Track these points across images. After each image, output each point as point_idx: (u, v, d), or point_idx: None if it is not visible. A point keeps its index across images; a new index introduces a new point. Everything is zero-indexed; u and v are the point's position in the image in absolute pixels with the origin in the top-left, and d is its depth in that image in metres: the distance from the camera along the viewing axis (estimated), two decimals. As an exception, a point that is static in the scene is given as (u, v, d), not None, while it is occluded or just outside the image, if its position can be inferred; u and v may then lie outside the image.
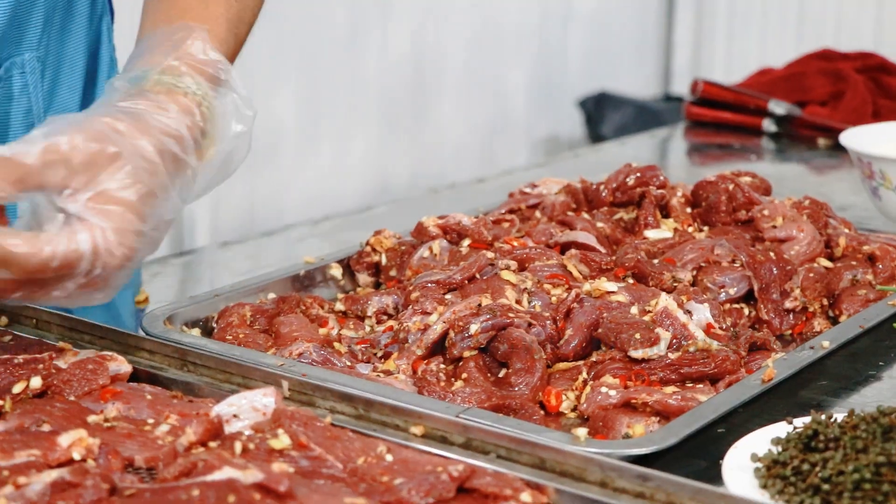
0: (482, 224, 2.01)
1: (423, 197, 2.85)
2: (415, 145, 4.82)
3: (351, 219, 2.53)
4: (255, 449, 1.37)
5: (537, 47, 5.26)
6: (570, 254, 1.92)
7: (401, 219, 2.20)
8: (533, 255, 1.89)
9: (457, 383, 1.60)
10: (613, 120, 5.12)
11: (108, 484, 1.29)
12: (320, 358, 1.66)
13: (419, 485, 1.30)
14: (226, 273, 2.23)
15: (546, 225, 2.05)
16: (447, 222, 2.01)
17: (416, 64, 4.79)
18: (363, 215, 2.57)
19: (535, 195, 2.21)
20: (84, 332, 1.67)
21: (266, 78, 4.30)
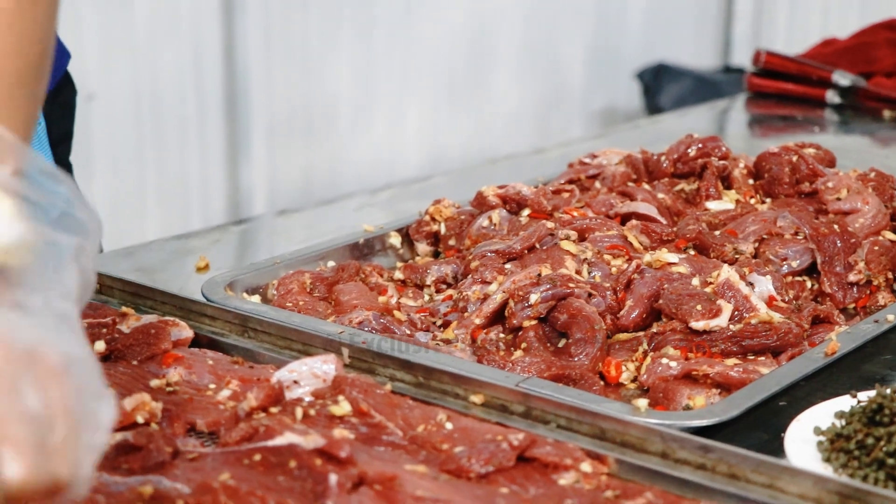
0: (542, 194, 2.00)
1: (480, 167, 2.84)
2: (470, 116, 4.80)
3: (409, 188, 2.53)
4: (316, 415, 1.38)
5: (595, 18, 5.22)
6: (630, 224, 1.91)
7: (458, 189, 2.19)
8: (593, 226, 1.88)
9: (516, 353, 1.60)
10: (671, 91, 5.07)
11: (170, 447, 1.30)
12: (380, 326, 1.66)
13: (479, 453, 1.30)
14: (284, 241, 2.23)
15: (606, 196, 2.04)
16: (507, 192, 2.00)
17: (472, 34, 4.77)
18: (421, 185, 2.57)
19: (594, 166, 2.20)
20: (146, 297, 1.69)
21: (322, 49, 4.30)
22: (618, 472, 1.32)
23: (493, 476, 1.28)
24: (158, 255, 2.08)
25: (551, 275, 1.69)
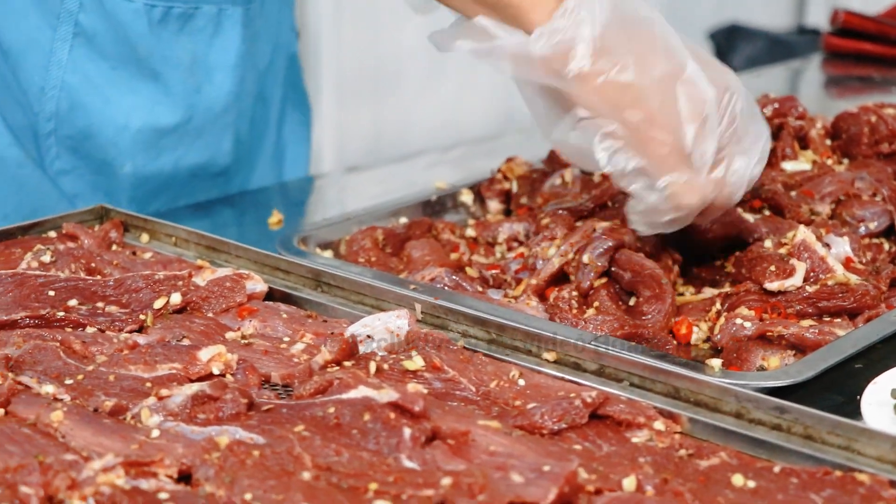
0: (615, 152, 1.99)
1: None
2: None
3: (480, 146, 2.52)
4: (389, 369, 1.38)
5: (668, -23, 5.16)
6: (705, 183, 1.89)
7: (530, 147, 2.18)
8: (667, 184, 1.86)
9: (588, 311, 1.59)
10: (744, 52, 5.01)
11: (246, 399, 1.31)
12: (452, 283, 1.66)
13: (552, 409, 1.30)
14: (355, 198, 2.24)
15: (680, 154, 2.01)
16: (580, 150, 1.99)
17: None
18: (493, 143, 2.56)
19: (668, 124, 2.18)
20: (221, 250, 1.70)
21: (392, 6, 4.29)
22: (691, 431, 1.31)
23: (565, 433, 1.29)
24: (232, 210, 2.10)
25: (600, 229, 1.66)
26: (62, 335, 1.45)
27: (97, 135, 1.99)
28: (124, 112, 1.99)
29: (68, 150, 2.01)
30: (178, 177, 2.07)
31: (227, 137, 2.11)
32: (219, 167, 2.12)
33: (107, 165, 2.02)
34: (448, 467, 1.20)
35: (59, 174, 2.02)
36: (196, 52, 2.01)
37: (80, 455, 1.23)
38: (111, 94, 1.97)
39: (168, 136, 2.03)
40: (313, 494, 1.14)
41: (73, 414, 1.28)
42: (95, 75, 1.95)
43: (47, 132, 1.97)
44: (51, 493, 1.16)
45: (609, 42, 1.45)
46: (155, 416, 1.29)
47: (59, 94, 1.94)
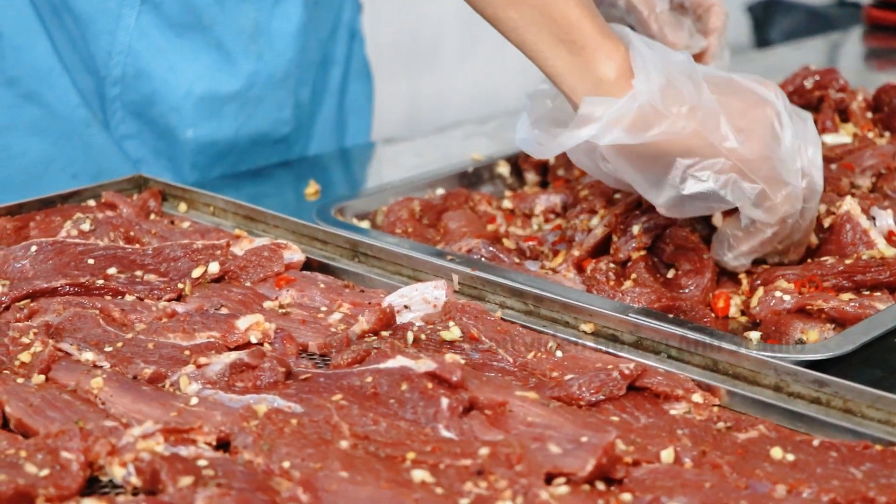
0: (653, 124, 1.97)
1: (589, 98, 2.80)
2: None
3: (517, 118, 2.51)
4: (427, 340, 1.38)
5: (705, -52, 5.11)
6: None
7: (568, 119, 2.17)
8: (706, 157, 1.85)
9: (626, 283, 1.59)
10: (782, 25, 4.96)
11: (284, 367, 1.32)
12: (489, 254, 1.66)
13: (590, 381, 1.30)
14: (392, 169, 2.24)
15: (719, 127, 2.00)
16: (618, 122, 1.98)
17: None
18: (529, 115, 2.54)
19: (707, 97, 2.16)
20: (259, 220, 1.71)
21: (429, -23, 4.28)
22: (729, 404, 1.31)
23: (602, 405, 1.28)
24: (269, 180, 2.10)
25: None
26: (101, 303, 1.46)
27: (160, 101, 2.02)
28: (188, 79, 2.01)
29: (133, 115, 2.03)
30: (238, 144, 2.10)
31: (288, 105, 2.14)
32: (279, 135, 2.15)
33: (169, 132, 2.04)
34: (485, 438, 1.20)
35: (124, 138, 2.05)
36: (259, 20, 2.04)
37: (119, 422, 1.24)
38: (175, 60, 1.99)
39: (230, 104, 2.05)
40: (351, 463, 1.14)
41: (113, 381, 1.29)
42: (161, 42, 1.98)
43: (113, 96, 2.00)
44: (91, 459, 1.17)
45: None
46: (193, 383, 1.30)
47: (126, 60, 1.97)
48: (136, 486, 1.16)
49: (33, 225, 1.65)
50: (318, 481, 1.11)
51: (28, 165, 2.00)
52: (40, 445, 1.17)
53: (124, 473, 1.16)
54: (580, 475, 1.12)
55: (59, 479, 1.13)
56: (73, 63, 2.00)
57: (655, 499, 1.11)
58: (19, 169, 2.00)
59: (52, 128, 2.01)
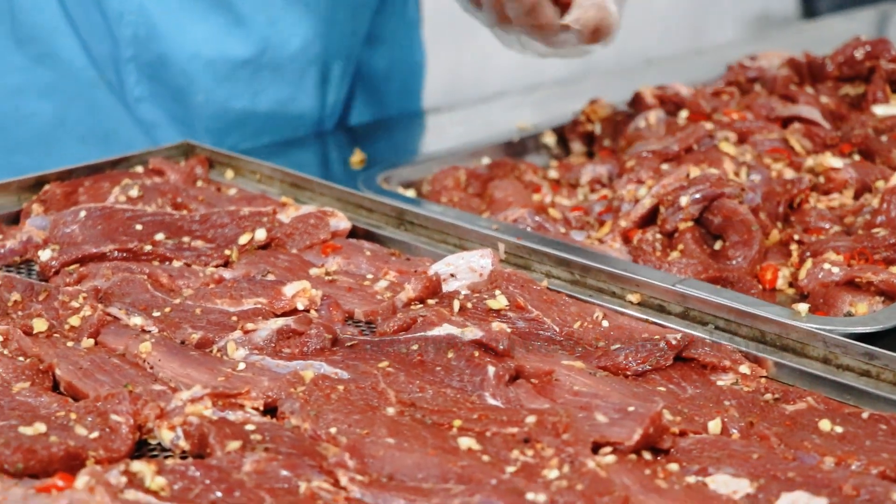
0: (701, 95, 1.96)
1: (635, 68, 2.79)
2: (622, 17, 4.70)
3: (562, 88, 2.50)
4: (473, 308, 1.38)
5: (753, -83, 5.06)
6: (792, 128, 1.86)
7: (613, 89, 2.16)
8: (753, 128, 1.84)
9: (673, 254, 1.58)
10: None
11: (330, 334, 1.32)
12: (535, 223, 1.65)
13: (636, 351, 1.29)
14: (437, 138, 2.24)
15: (767, 99, 1.99)
16: (665, 92, 1.97)
17: (625, -67, 4.65)
18: (574, 86, 2.54)
19: (755, 68, 2.15)
20: (305, 188, 1.71)
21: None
22: (777, 375, 1.30)
23: (649, 375, 1.28)
24: (315, 148, 2.10)
25: (701, 175, 1.65)
26: (149, 268, 1.47)
27: (171, 63, 1.99)
28: (196, 41, 1.98)
29: (147, 77, 2.01)
30: (256, 113, 2.07)
31: (311, 77, 2.10)
32: (303, 106, 2.11)
33: (182, 94, 2.01)
34: (532, 406, 1.20)
35: (139, 101, 2.03)
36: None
37: (167, 386, 1.24)
38: (185, 21, 1.96)
39: (242, 70, 2.02)
40: (397, 430, 1.14)
41: (161, 346, 1.30)
42: (171, 1, 1.96)
43: (127, 58, 1.98)
44: (140, 422, 1.18)
45: None
46: (240, 349, 1.30)
47: (137, 20, 1.95)
48: (185, 449, 1.17)
49: (82, 190, 1.66)
50: (364, 447, 1.11)
51: (38, 127, 1.98)
52: (90, 408, 1.18)
53: (172, 437, 1.17)
54: (627, 445, 1.12)
55: (108, 441, 1.14)
56: (84, 24, 1.97)
57: (702, 469, 1.11)
58: (30, 131, 1.98)
59: (62, 90, 1.98)
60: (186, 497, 1.06)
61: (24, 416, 1.17)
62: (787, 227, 1.65)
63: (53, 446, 1.11)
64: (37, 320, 1.34)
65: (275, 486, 1.07)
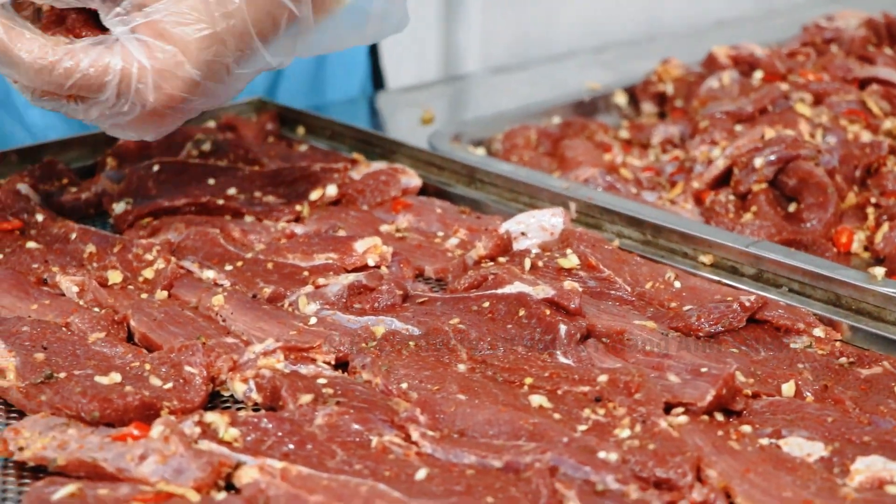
0: (776, 56, 1.94)
1: (708, 28, 2.76)
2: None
3: (633, 48, 2.48)
4: (544, 267, 1.38)
5: None
6: (870, 90, 1.83)
7: (685, 50, 2.14)
8: (830, 90, 1.81)
9: (746, 216, 1.56)
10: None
11: (401, 290, 1.32)
12: (606, 183, 1.64)
13: (709, 312, 1.28)
14: (506, 97, 2.22)
15: (843, 60, 1.95)
16: (739, 53, 1.94)
17: None
18: (645, 46, 2.51)
19: (831, 29, 2.11)
20: (376, 145, 1.71)
21: None
22: (851, 339, 1.28)
23: (721, 336, 1.27)
24: (383, 107, 2.10)
25: (776, 137, 1.63)
26: (222, 222, 1.48)
27: None
28: None
29: None
30: None
31: None
32: None
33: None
34: (603, 365, 1.19)
35: (27, 108, 1.79)
36: None
37: (240, 339, 1.25)
38: None
39: None
40: (469, 387, 1.14)
41: (233, 299, 1.31)
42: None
43: None
44: (213, 375, 1.19)
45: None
46: (312, 304, 1.31)
47: None
48: (257, 402, 1.17)
49: (155, 144, 1.67)
50: (435, 403, 1.11)
51: None
52: (164, 359, 1.19)
53: (245, 389, 1.18)
54: (699, 405, 1.11)
55: (182, 392, 1.15)
56: None
57: (776, 431, 1.10)
58: None
59: None
60: (259, 449, 1.06)
61: (99, 366, 1.18)
62: (863, 191, 1.63)
63: (129, 396, 1.12)
64: (111, 272, 1.36)
65: (346, 439, 1.08)
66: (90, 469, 1.04)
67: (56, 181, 1.56)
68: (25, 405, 1.14)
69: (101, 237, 1.43)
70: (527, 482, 1.00)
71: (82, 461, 1.05)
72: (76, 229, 1.45)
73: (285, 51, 1.29)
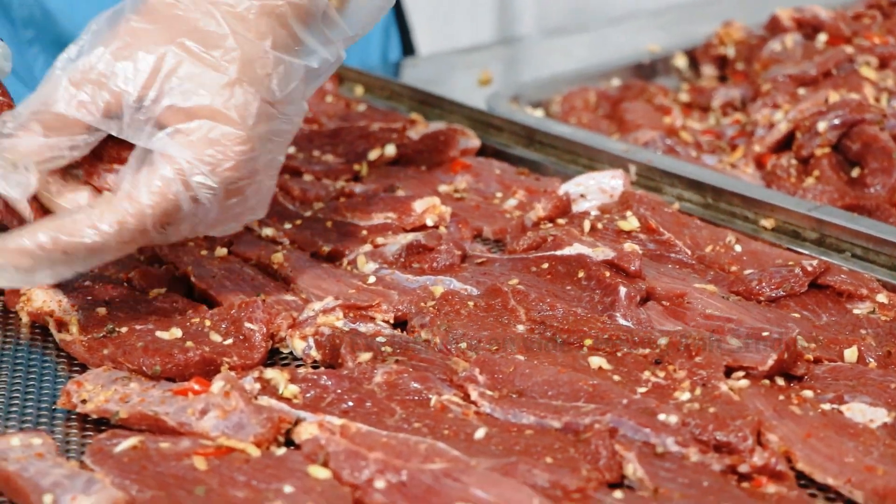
0: (841, 18, 1.90)
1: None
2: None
3: (694, 10, 2.44)
4: (603, 229, 1.37)
5: None
6: (936, 54, 1.80)
7: (746, 12, 2.11)
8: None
9: (808, 180, 1.54)
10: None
11: (460, 250, 1.32)
12: (666, 146, 1.63)
13: (770, 277, 1.27)
14: (564, 59, 2.20)
15: (910, 22, 1.92)
16: (803, 15, 1.91)
17: None
18: (705, 9, 2.48)
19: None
20: (434, 105, 1.70)
21: None
22: (916, 305, 1.27)
23: (783, 301, 1.26)
24: (440, 67, 2.09)
25: (840, 101, 1.61)
26: (281, 181, 1.48)
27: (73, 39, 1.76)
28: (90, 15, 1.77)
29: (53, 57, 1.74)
30: None
31: None
32: None
33: None
34: (663, 328, 1.19)
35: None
36: None
37: (299, 297, 1.26)
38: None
39: None
40: (528, 347, 1.14)
41: (293, 257, 1.31)
42: None
43: (28, 40, 1.76)
44: (273, 331, 1.19)
45: None
46: (370, 262, 1.31)
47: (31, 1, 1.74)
48: (316, 359, 1.18)
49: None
50: (494, 363, 1.11)
51: None
52: (224, 316, 1.20)
53: (304, 347, 1.18)
54: (761, 370, 1.11)
55: (242, 348, 1.16)
56: None
57: (838, 397, 1.09)
58: None
59: None
60: (318, 405, 1.07)
61: (160, 322, 1.19)
62: (927, 156, 1.60)
63: (190, 351, 1.13)
64: (172, 228, 1.36)
65: (405, 398, 1.08)
66: (151, 422, 1.05)
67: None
68: (88, 359, 1.15)
69: (162, 194, 1.44)
70: (586, 443, 1.00)
71: (144, 414, 1.06)
72: (137, 186, 1.45)
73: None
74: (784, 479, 0.99)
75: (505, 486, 0.93)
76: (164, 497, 0.95)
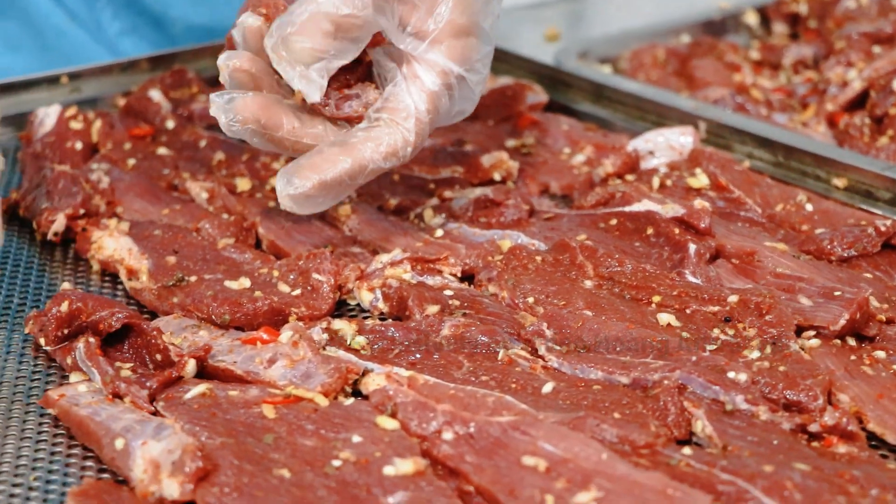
0: (917, -24, 1.87)
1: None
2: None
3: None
4: (673, 186, 1.36)
5: None
6: None
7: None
8: (973, 12, 1.74)
9: (881, 139, 1.52)
10: None
11: (527, 205, 1.32)
12: (736, 104, 1.61)
13: (842, 236, 1.25)
14: (633, 14, 2.18)
15: None
16: (878, -28, 1.88)
17: None
18: (776, -35, 2.44)
19: (975, -51, 2.03)
20: (501, 60, 1.69)
21: None
22: None
23: (854, 261, 1.24)
24: (508, 23, 2.07)
25: None
26: (348, 134, 1.48)
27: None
28: None
29: (123, 8, 1.81)
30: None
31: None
32: None
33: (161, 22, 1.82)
34: (733, 286, 1.18)
35: (120, 36, 1.82)
36: None
37: (366, 249, 1.26)
38: None
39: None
40: (595, 303, 1.14)
41: (360, 209, 1.31)
42: None
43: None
44: (340, 283, 1.19)
45: None
46: (438, 216, 1.31)
47: None
48: (383, 311, 1.18)
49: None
50: (562, 318, 1.11)
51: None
52: (292, 266, 1.20)
53: (372, 299, 1.19)
54: (832, 329, 1.09)
55: (310, 299, 1.16)
56: None
57: (911, 358, 1.07)
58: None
59: (30, 41, 1.78)
60: (386, 357, 1.07)
61: (229, 271, 1.20)
62: None
63: (258, 301, 1.14)
64: (240, 179, 1.37)
65: (472, 351, 1.08)
66: (220, 371, 1.06)
67: (186, 89, 1.58)
68: (158, 306, 1.16)
69: (230, 145, 1.44)
70: (654, 399, 1.00)
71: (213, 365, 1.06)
72: (206, 137, 1.46)
73: None
74: (855, 439, 0.98)
75: (573, 440, 0.93)
76: (233, 444, 0.95)
